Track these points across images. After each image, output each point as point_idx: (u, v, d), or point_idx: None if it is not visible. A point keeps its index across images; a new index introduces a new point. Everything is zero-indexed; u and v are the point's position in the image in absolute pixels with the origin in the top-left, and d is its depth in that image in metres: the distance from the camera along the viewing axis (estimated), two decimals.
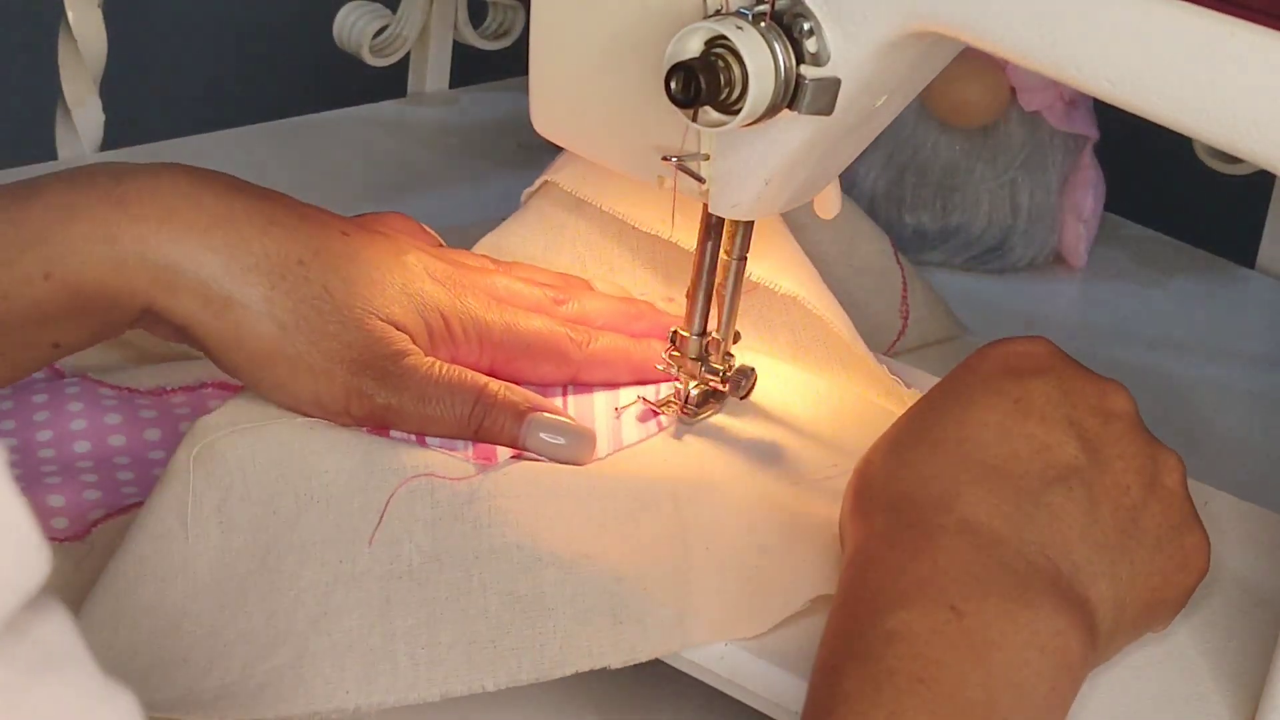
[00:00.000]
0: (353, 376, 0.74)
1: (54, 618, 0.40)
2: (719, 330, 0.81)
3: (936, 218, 1.08)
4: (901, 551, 0.66)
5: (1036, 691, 0.64)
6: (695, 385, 0.81)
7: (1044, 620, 0.65)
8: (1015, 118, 1.07)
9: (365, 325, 0.75)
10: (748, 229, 0.80)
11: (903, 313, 0.97)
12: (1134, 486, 0.69)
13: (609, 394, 0.82)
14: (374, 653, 0.69)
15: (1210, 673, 0.71)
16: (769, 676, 0.69)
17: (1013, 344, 0.72)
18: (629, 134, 0.78)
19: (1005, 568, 0.66)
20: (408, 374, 0.75)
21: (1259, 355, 1.04)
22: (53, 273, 0.70)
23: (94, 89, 1.09)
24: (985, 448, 0.68)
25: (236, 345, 0.73)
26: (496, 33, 1.26)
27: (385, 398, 0.74)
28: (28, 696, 0.39)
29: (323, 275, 0.74)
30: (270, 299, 0.73)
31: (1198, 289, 1.12)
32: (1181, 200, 1.24)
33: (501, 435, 0.76)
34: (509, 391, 0.76)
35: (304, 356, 0.74)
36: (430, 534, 0.71)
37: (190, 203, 0.73)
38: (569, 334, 0.81)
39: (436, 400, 0.75)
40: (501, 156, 1.10)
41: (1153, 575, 0.69)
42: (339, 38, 1.19)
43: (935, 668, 0.62)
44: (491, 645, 0.69)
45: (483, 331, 0.78)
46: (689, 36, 0.71)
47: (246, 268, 0.73)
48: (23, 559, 0.39)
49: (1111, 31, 0.65)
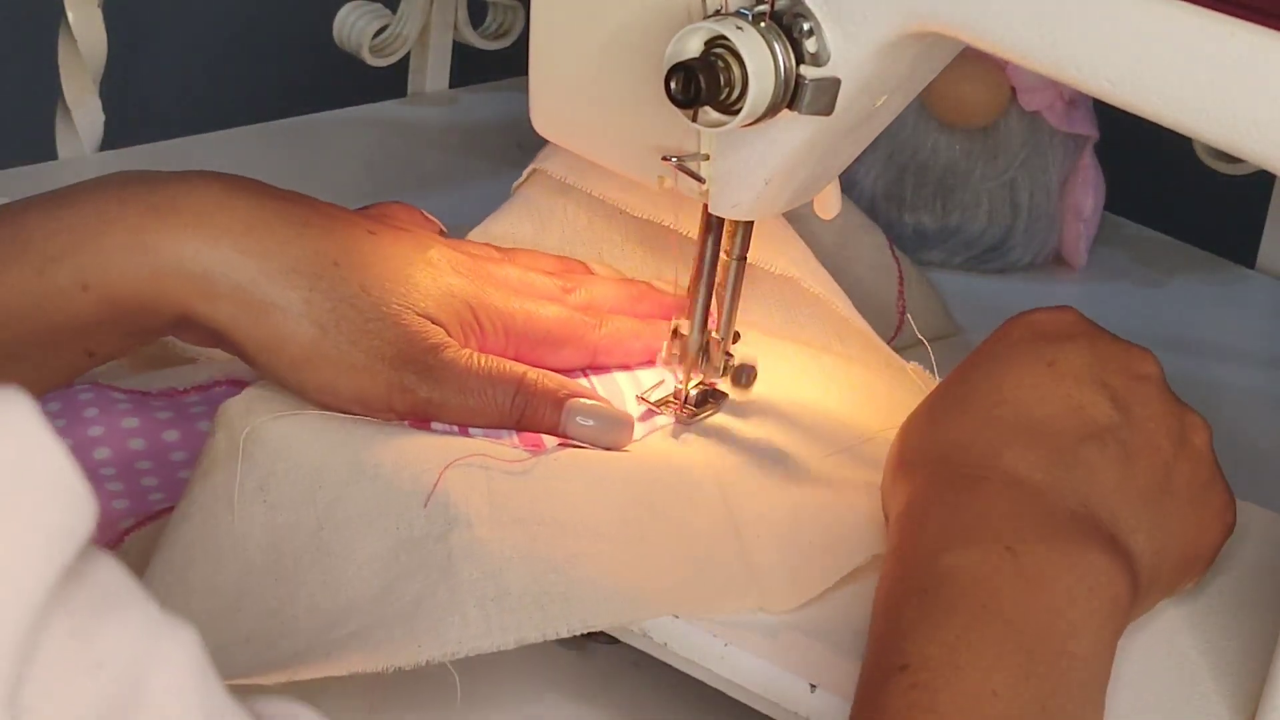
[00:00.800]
0: (395, 372, 0.75)
1: (104, 561, 0.41)
2: (719, 330, 0.81)
3: (936, 217, 1.08)
4: (951, 500, 0.69)
5: (1088, 628, 0.66)
6: (695, 385, 0.82)
7: (1092, 562, 0.67)
8: (1015, 118, 1.07)
9: (403, 321, 0.75)
10: (747, 229, 0.80)
11: (899, 308, 0.97)
12: (1165, 445, 0.72)
13: (629, 375, 0.83)
14: (441, 608, 0.69)
15: (1210, 673, 0.71)
16: (769, 676, 0.69)
17: (1042, 313, 0.75)
18: (629, 134, 0.78)
19: (1051, 515, 0.68)
20: (448, 367, 0.75)
21: (1259, 355, 1.04)
22: (90, 284, 0.71)
23: (94, 89, 1.09)
24: (1023, 408, 0.71)
25: (278, 349, 0.74)
26: (496, 33, 1.26)
27: (428, 391, 0.75)
28: (98, 637, 0.40)
29: (358, 274, 0.75)
30: (309, 300, 0.74)
31: (1198, 289, 1.12)
32: (1181, 200, 1.24)
33: (542, 423, 0.77)
34: (546, 379, 0.77)
35: (345, 356, 0.74)
36: (488, 503, 0.72)
37: (223, 209, 0.73)
38: (584, 319, 0.82)
39: (478, 391, 0.76)
40: (501, 156, 1.10)
41: (1187, 529, 0.72)
42: (339, 38, 1.19)
43: (995, 599, 0.64)
44: (564, 599, 0.69)
45: (507, 321, 0.79)
46: (689, 36, 0.71)
47: (284, 270, 0.74)
48: (75, 506, 0.39)
49: (1111, 31, 0.65)
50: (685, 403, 0.81)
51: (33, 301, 0.70)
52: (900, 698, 0.61)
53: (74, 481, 0.39)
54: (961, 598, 0.64)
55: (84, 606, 0.40)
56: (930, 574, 0.66)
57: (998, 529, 0.67)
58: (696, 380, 0.82)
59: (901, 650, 0.63)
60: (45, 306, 0.71)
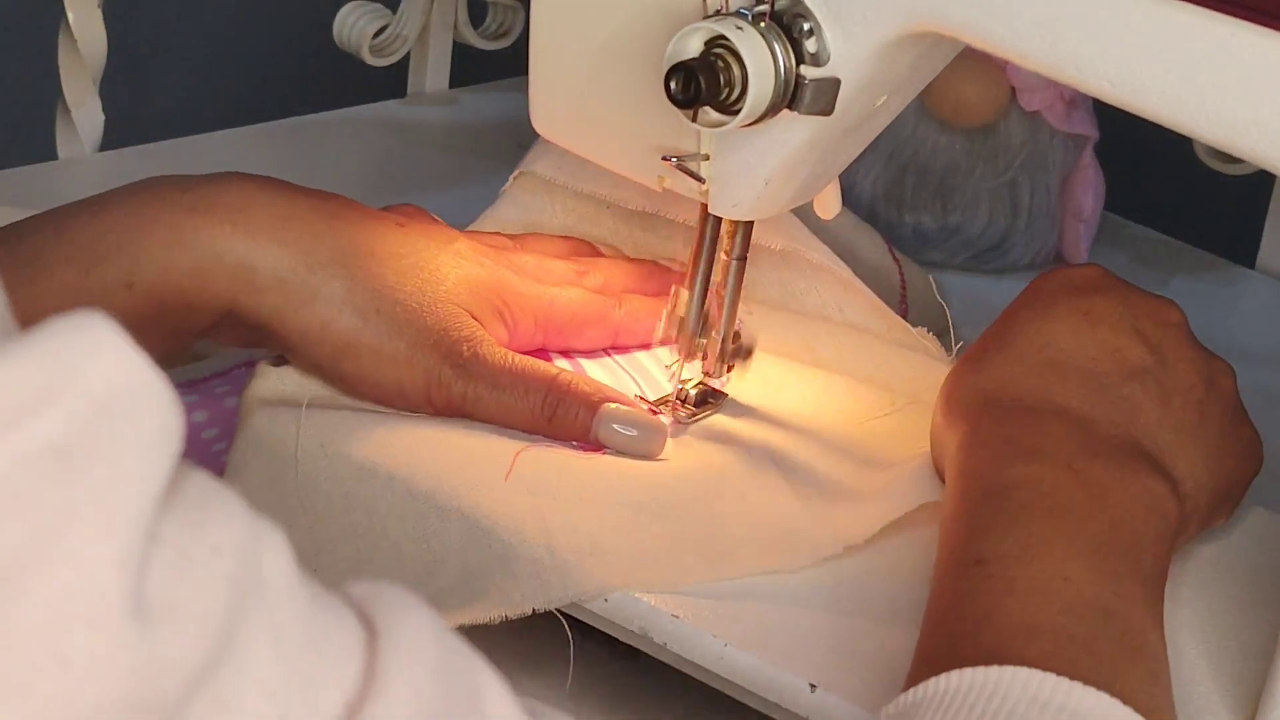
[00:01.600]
0: (434, 363, 0.76)
1: (192, 468, 0.42)
2: (718, 330, 0.81)
3: (936, 218, 1.08)
4: (1009, 428, 0.71)
5: (1147, 539, 0.68)
6: (694, 385, 0.82)
7: (1146, 482, 0.70)
8: (1015, 118, 1.07)
9: (440, 312, 0.76)
10: (747, 229, 0.80)
11: (901, 310, 0.97)
12: (1197, 384, 0.75)
13: (649, 354, 0.84)
14: (538, 564, 0.70)
15: (1210, 673, 0.71)
16: (769, 676, 0.69)
17: (1070, 269, 0.79)
18: (629, 134, 0.78)
19: (1104, 441, 0.71)
20: (482, 362, 0.76)
21: (1259, 355, 1.04)
22: (134, 282, 0.72)
23: (94, 89, 1.09)
24: (1064, 351, 0.74)
25: (319, 339, 0.75)
26: (496, 33, 1.26)
27: (462, 386, 0.76)
28: (209, 526, 0.41)
29: (393, 264, 0.76)
30: (350, 290, 0.75)
31: (1198, 289, 1.12)
32: (1181, 200, 1.24)
33: (574, 426, 0.77)
34: (581, 382, 0.78)
35: (386, 345, 0.75)
36: (559, 475, 0.74)
37: (258, 204, 0.75)
38: (604, 300, 0.83)
39: (510, 389, 0.76)
40: (501, 156, 1.10)
41: (1222, 464, 0.75)
42: (339, 38, 1.19)
43: (1063, 505, 0.67)
44: (653, 562, 0.70)
45: (534, 307, 0.80)
46: (689, 36, 0.71)
47: (324, 261, 0.75)
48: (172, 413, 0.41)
49: (1111, 31, 0.65)
50: (684, 402, 0.81)
51: (79, 302, 0.70)
52: (978, 585, 0.64)
53: (166, 391, 0.41)
54: (1030, 502, 0.67)
55: (189, 501, 0.41)
56: (997, 484, 0.69)
57: (1056, 450, 0.70)
58: (696, 380, 0.82)
59: (976, 548, 0.66)
60: (92, 305, 0.71)
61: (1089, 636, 0.62)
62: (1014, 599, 0.63)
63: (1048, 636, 0.62)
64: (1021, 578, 0.64)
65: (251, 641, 0.41)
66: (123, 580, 0.39)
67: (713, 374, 0.82)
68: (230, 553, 0.41)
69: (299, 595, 0.43)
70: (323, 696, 0.43)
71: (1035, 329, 0.75)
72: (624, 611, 0.70)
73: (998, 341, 0.76)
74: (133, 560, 0.39)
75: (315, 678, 0.43)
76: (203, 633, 0.40)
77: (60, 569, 0.38)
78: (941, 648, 0.63)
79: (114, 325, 0.40)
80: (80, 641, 0.38)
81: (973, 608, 0.64)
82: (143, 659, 0.39)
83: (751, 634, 0.69)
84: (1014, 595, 0.64)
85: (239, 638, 0.41)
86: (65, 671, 0.38)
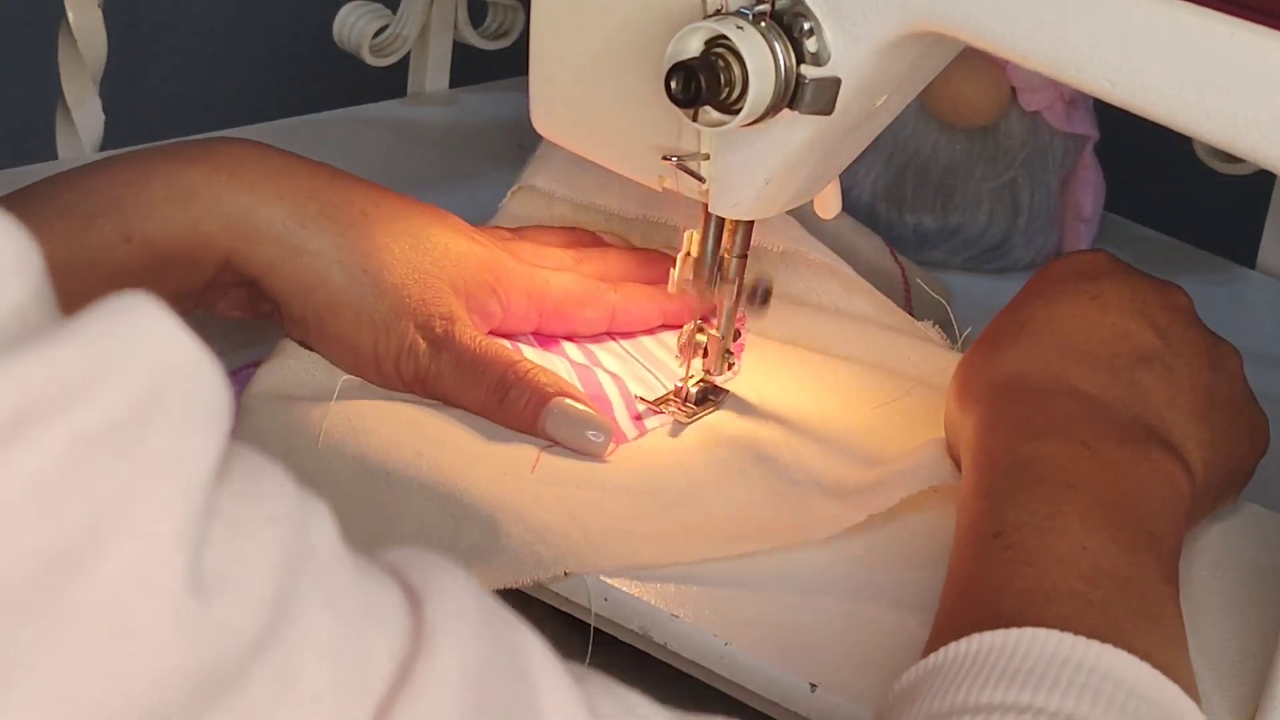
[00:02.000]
0: (411, 331, 0.77)
1: (239, 445, 0.43)
2: (719, 329, 0.81)
3: (936, 218, 1.08)
4: (1023, 409, 0.72)
5: (1162, 514, 0.69)
6: (694, 383, 0.82)
7: (1159, 460, 0.71)
8: (1015, 118, 1.07)
9: (424, 283, 0.77)
10: (748, 228, 0.80)
11: (906, 310, 0.97)
12: (1204, 367, 0.76)
13: (653, 339, 0.85)
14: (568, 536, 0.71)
15: (1210, 673, 0.71)
16: (769, 676, 0.69)
17: (1078, 255, 0.80)
18: (629, 134, 0.78)
19: (1117, 422, 0.72)
20: (452, 339, 0.77)
21: (1259, 355, 1.04)
22: (132, 235, 0.73)
23: (94, 89, 1.09)
24: (1075, 336, 0.75)
25: (306, 293, 0.76)
26: (496, 33, 1.26)
27: (428, 360, 0.77)
28: (262, 497, 0.42)
29: (386, 227, 0.78)
30: (339, 246, 0.76)
31: (1198, 289, 1.12)
32: (1181, 200, 1.24)
33: (523, 414, 0.77)
34: (540, 373, 0.78)
35: (368, 308, 0.76)
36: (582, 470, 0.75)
37: (256, 159, 0.77)
38: (599, 283, 0.84)
39: (470, 367, 0.77)
40: (501, 156, 1.10)
41: (1231, 443, 0.76)
42: (339, 38, 1.19)
43: (1079, 479, 0.68)
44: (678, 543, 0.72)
45: (526, 284, 0.81)
46: (689, 36, 0.71)
47: (316, 215, 0.76)
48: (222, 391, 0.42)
49: (1111, 31, 0.65)
50: (685, 400, 0.81)
51: (79, 255, 0.73)
52: (997, 556, 0.65)
53: (215, 369, 0.42)
54: (1047, 476, 0.68)
55: (241, 474, 0.42)
56: (1014, 460, 0.69)
57: (1070, 428, 0.71)
58: (696, 378, 0.82)
59: (994, 521, 0.67)
60: (91, 261, 0.73)
61: (1107, 601, 0.63)
62: (1032, 568, 0.64)
63: (1066, 601, 0.62)
64: (1039, 547, 0.65)
65: (307, 608, 0.42)
66: (183, 554, 0.39)
67: (714, 371, 0.82)
68: (283, 522, 0.42)
69: (346, 562, 0.44)
70: (377, 658, 0.44)
71: (1045, 314, 0.76)
72: (624, 611, 0.70)
73: (1010, 327, 0.77)
74: (192, 534, 0.40)
75: (369, 641, 0.44)
76: (261, 601, 0.41)
77: (124, 546, 0.39)
78: (960, 617, 0.63)
79: (162, 306, 0.41)
80: (145, 615, 0.39)
81: (991, 577, 0.65)
82: (205, 630, 0.40)
83: (752, 633, 0.70)
84: (1032, 564, 0.64)
85: (295, 605, 0.42)
86: (132, 644, 0.39)
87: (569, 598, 0.71)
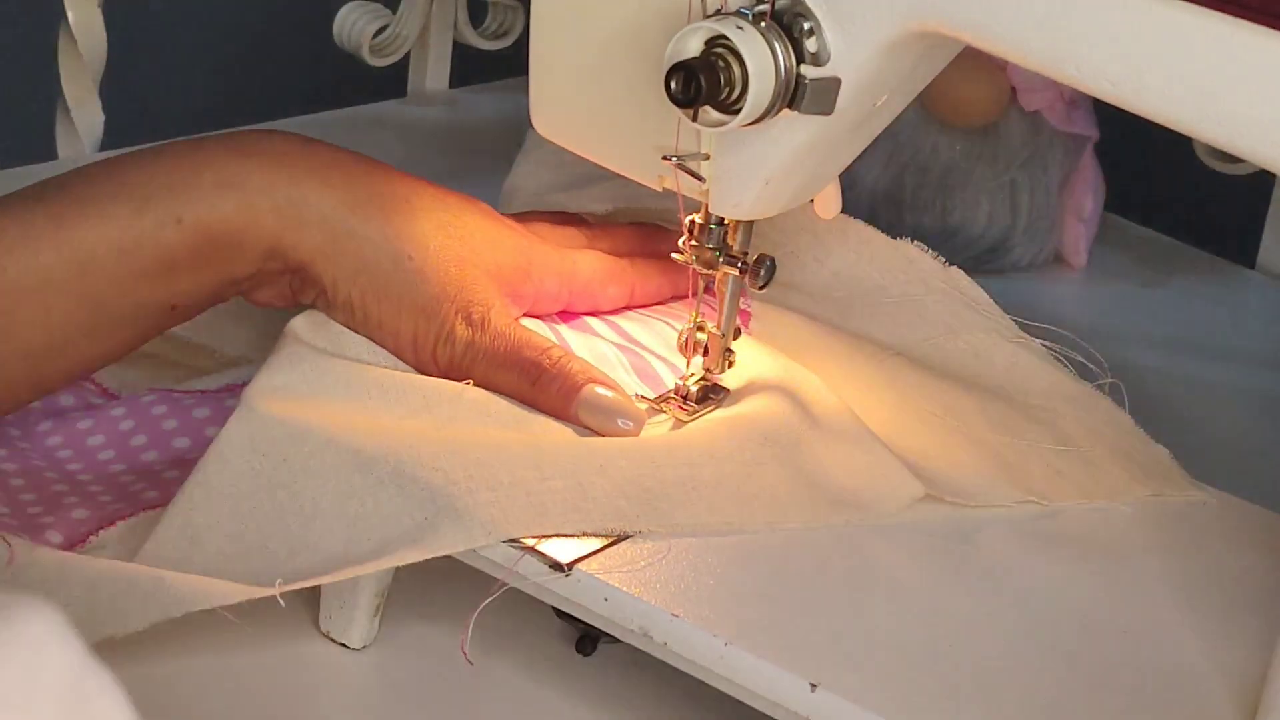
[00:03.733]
0: (449, 319, 0.78)
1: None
2: (719, 326, 0.81)
3: (936, 218, 1.08)
4: None
5: None
6: (695, 381, 0.82)
7: None
8: (1015, 118, 1.07)
9: (465, 270, 0.79)
10: (748, 228, 0.80)
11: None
12: None
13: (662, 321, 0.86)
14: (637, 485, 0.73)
15: (1210, 673, 0.71)
16: (769, 676, 0.69)
17: None
18: (629, 134, 0.78)
19: None
20: (489, 327, 0.78)
21: (1259, 355, 1.04)
22: (184, 218, 0.75)
23: (94, 89, 1.09)
24: None
25: (353, 278, 0.78)
26: (496, 33, 1.26)
27: (464, 347, 0.78)
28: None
29: (426, 216, 0.80)
30: (385, 233, 0.78)
31: (1198, 289, 1.12)
32: (1181, 200, 1.24)
33: (555, 401, 0.78)
34: (570, 361, 0.79)
35: (410, 294, 0.78)
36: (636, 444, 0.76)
37: (302, 149, 0.79)
38: (617, 259, 0.86)
39: (505, 355, 0.78)
40: (501, 156, 1.10)
41: None
42: (339, 38, 1.19)
43: None
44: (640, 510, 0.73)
45: (557, 267, 0.83)
46: (689, 36, 0.71)
47: (363, 201, 0.78)
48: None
49: (1111, 31, 0.65)
50: (686, 399, 0.81)
51: (131, 237, 0.75)
52: None
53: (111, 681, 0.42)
54: None
55: None
56: None
57: None
58: (698, 376, 0.82)
59: None
60: (142, 242, 0.75)
61: None
62: None
63: None
64: None
65: None
66: None
67: (714, 370, 0.82)
68: None
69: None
70: None
71: None
72: (624, 611, 0.70)
73: None
74: None
75: None
76: None
77: None
78: None
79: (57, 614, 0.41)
80: None
81: None
82: None
83: (752, 634, 0.69)
84: None
85: None
86: None
87: (569, 598, 0.71)
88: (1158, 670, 0.71)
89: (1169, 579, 0.76)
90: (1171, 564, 0.77)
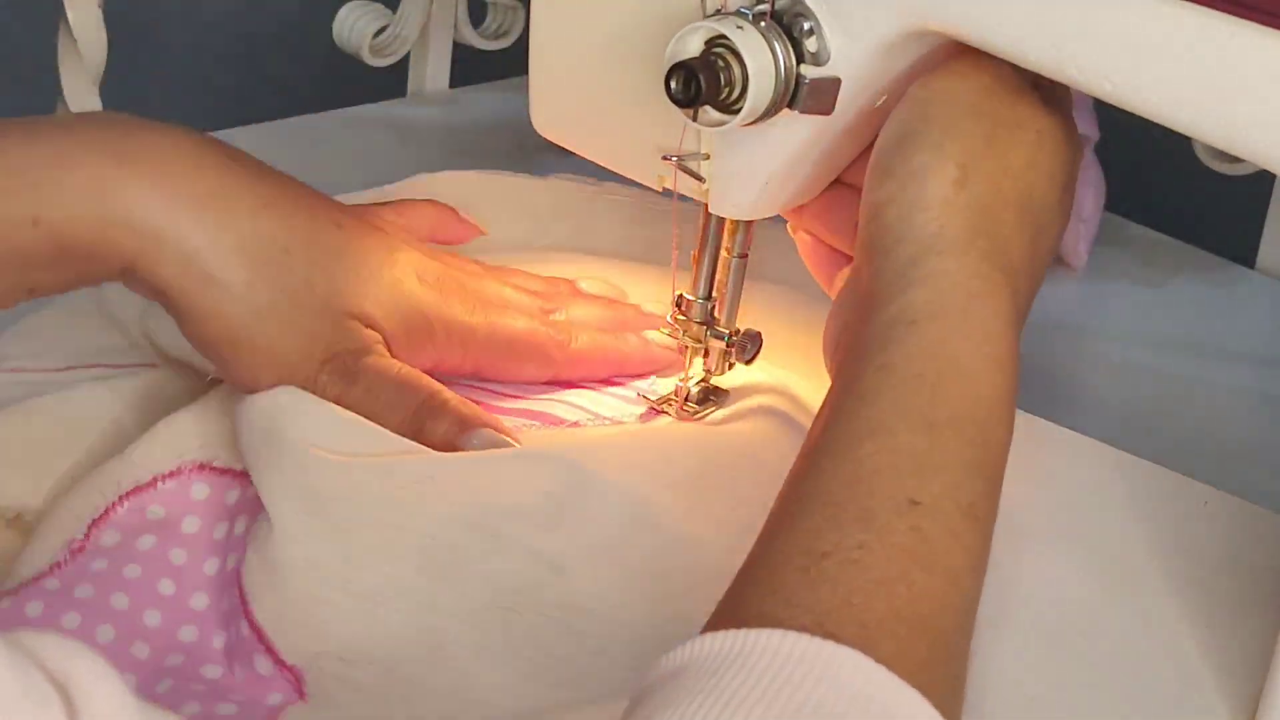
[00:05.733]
0: (316, 370, 0.74)
1: None
2: (721, 324, 0.81)
3: None
4: None
5: None
6: (696, 383, 0.82)
7: None
8: None
9: (338, 322, 0.74)
10: (748, 228, 0.80)
11: None
12: None
13: (594, 393, 0.83)
14: None
15: (1210, 673, 0.71)
16: None
17: None
18: (629, 134, 0.78)
19: None
20: (364, 370, 0.74)
21: (1259, 355, 1.04)
22: (41, 219, 0.70)
23: (94, 89, 1.09)
24: None
25: (207, 323, 0.73)
26: (496, 33, 1.26)
27: (336, 390, 0.74)
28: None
29: (306, 267, 0.74)
30: (250, 284, 0.72)
31: (1198, 289, 1.12)
32: (1181, 200, 1.24)
33: (442, 441, 0.74)
34: (462, 405, 0.75)
35: (272, 345, 0.73)
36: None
37: (189, 169, 0.72)
38: (551, 334, 0.81)
39: (383, 394, 0.74)
40: (501, 156, 1.10)
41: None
42: (339, 38, 1.19)
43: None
44: None
45: (465, 334, 0.78)
46: (689, 36, 0.71)
47: (231, 248, 0.72)
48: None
49: (1111, 31, 0.65)
50: (686, 401, 0.81)
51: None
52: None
53: None
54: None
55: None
56: None
57: None
58: (698, 377, 0.82)
59: None
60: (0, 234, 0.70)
61: None
62: None
63: None
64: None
65: None
66: None
67: (714, 371, 0.82)
68: None
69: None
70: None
71: None
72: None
73: None
74: None
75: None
76: None
77: None
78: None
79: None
80: None
81: None
82: None
83: None
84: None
85: None
86: None
87: None
88: (1157, 670, 0.71)
89: (1169, 578, 0.76)
90: (1171, 564, 0.77)
